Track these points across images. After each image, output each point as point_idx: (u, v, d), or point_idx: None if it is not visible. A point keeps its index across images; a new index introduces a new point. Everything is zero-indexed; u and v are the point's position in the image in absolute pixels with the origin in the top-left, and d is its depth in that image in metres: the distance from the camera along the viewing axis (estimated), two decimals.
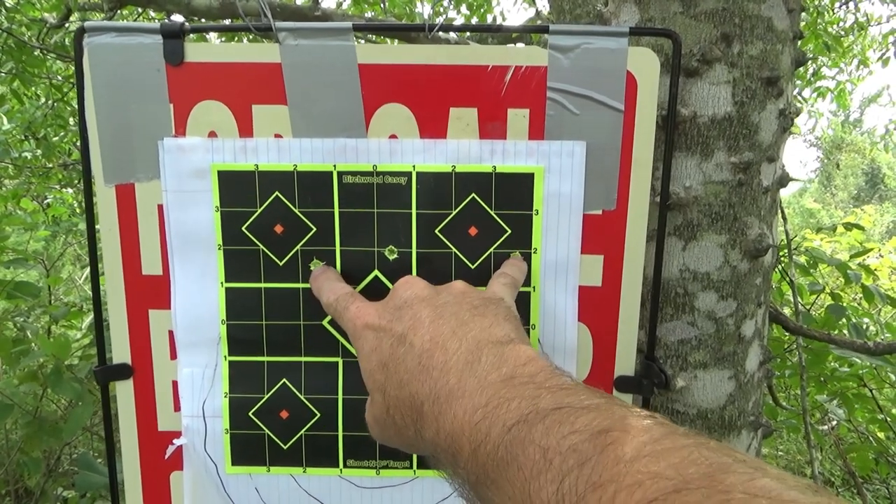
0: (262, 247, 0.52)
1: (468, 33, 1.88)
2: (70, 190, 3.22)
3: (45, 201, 3.21)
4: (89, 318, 2.01)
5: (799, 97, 3.57)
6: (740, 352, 0.56)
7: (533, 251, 0.52)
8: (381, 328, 0.42)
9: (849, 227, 1.85)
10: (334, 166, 0.51)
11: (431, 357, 0.37)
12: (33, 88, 2.71)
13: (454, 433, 0.33)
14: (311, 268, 0.52)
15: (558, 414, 0.30)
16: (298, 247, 0.52)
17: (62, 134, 2.79)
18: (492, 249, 0.52)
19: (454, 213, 0.51)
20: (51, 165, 2.79)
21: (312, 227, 0.52)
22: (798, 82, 3.42)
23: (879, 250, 3.62)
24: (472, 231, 0.52)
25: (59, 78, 2.61)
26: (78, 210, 3.27)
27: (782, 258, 1.58)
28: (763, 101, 0.52)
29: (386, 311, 0.43)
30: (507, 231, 0.51)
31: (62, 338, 1.65)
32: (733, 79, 0.51)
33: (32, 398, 1.72)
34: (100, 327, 0.55)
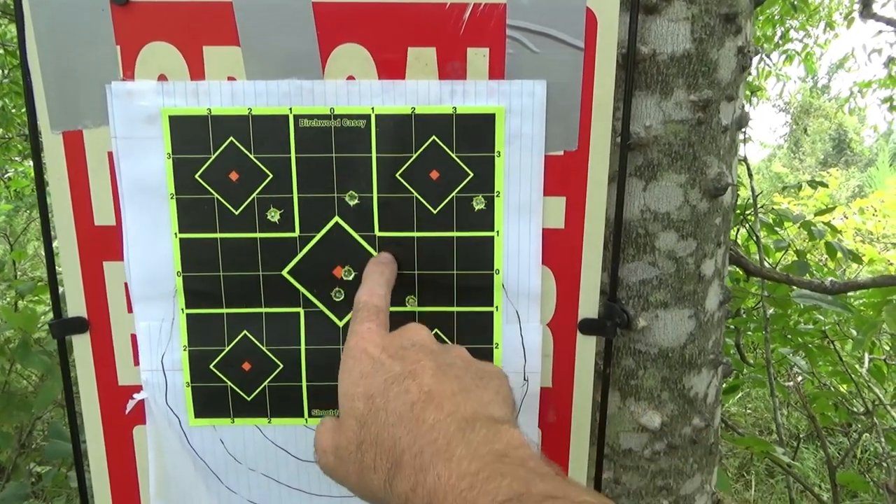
0: (216, 195, 0.51)
1: None
2: (31, 163, 3.12)
3: (6, 175, 3.12)
4: None
5: (767, 59, 3.59)
6: (700, 291, 0.57)
7: (496, 194, 0.51)
8: (379, 361, 0.41)
9: (814, 185, 1.89)
10: (290, 109, 0.50)
11: (424, 410, 0.37)
12: None
13: (434, 493, 0.33)
14: (269, 217, 0.51)
15: (552, 502, 0.30)
16: (255, 194, 0.51)
17: (21, 104, 2.69)
18: (454, 193, 0.51)
19: (415, 156, 0.51)
20: (10, 136, 2.70)
21: (269, 173, 0.51)
22: (765, 45, 3.44)
23: (844, 212, 3.70)
24: (434, 175, 0.51)
25: (14, 45, 2.50)
26: None
27: (749, 216, 1.61)
28: (722, 38, 0.52)
29: (391, 345, 0.42)
30: (469, 174, 0.51)
31: (28, 310, 1.62)
32: (692, 15, 0.51)
33: (0, 373, 1.69)
34: (53, 280, 0.53)
